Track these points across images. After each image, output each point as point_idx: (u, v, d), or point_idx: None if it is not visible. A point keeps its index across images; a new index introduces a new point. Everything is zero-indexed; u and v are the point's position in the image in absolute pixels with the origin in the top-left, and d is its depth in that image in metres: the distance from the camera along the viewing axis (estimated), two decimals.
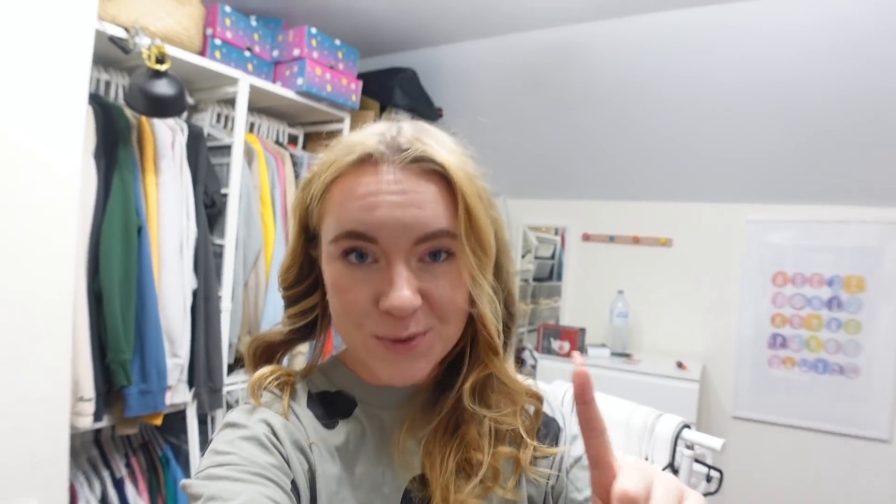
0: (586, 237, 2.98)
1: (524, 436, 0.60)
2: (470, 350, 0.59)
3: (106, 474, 1.63)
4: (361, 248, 0.51)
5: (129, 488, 1.64)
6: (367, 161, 0.52)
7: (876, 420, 2.31)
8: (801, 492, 2.42)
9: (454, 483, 0.55)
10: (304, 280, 0.61)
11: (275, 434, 0.54)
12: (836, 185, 2.36)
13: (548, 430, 0.65)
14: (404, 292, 0.49)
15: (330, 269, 0.54)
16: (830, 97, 2.04)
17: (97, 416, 1.44)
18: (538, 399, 0.63)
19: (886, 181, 2.25)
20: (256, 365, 0.62)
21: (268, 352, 0.63)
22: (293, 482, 0.52)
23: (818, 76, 1.99)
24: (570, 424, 0.68)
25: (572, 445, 0.65)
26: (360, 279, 0.51)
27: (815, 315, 2.46)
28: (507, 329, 0.60)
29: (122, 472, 1.66)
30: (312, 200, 0.56)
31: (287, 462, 0.53)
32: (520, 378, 0.64)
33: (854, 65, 1.92)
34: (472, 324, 0.56)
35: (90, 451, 1.65)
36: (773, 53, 1.99)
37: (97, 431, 1.68)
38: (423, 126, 0.56)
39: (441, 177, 0.52)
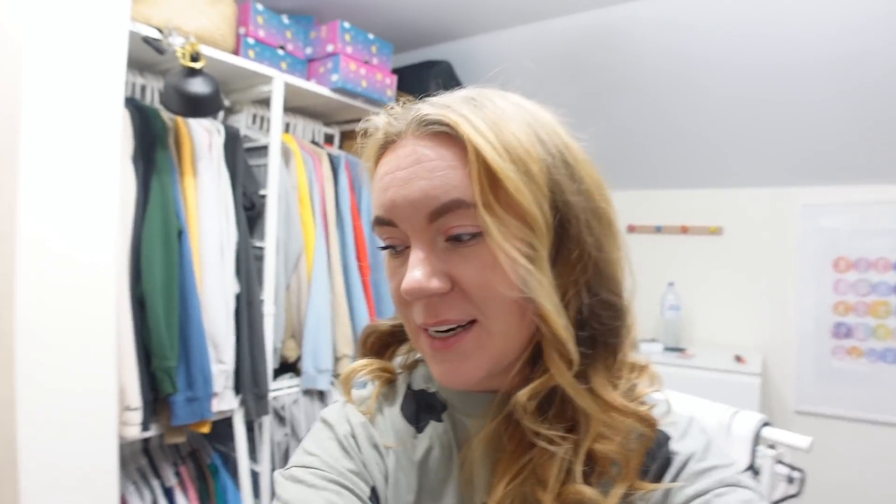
0: (631, 228, 2.87)
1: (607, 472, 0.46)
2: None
3: (156, 483, 1.61)
4: (390, 235, 0.47)
5: (180, 497, 1.62)
6: (390, 141, 0.48)
7: None
8: (872, 489, 2.27)
9: None
10: None
11: (354, 436, 0.52)
12: None
13: (651, 462, 0.48)
14: (413, 273, 0.43)
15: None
16: (887, 69, 1.90)
17: (145, 426, 1.42)
18: (649, 425, 0.47)
19: None
20: (366, 354, 0.59)
21: (378, 342, 0.59)
22: (373, 489, 0.49)
23: (873, 48, 1.85)
24: (697, 456, 0.49)
25: (690, 482, 0.47)
26: (397, 267, 0.47)
27: (882, 301, 2.30)
28: (608, 329, 0.47)
29: (172, 481, 1.64)
30: None
31: (365, 465, 0.50)
32: (637, 400, 0.48)
33: None
34: None
35: (139, 461, 1.64)
36: (823, 28, 1.86)
37: (146, 440, 1.67)
38: (479, 90, 0.49)
39: (461, 140, 0.44)
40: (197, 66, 1.33)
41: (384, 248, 0.49)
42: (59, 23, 1.17)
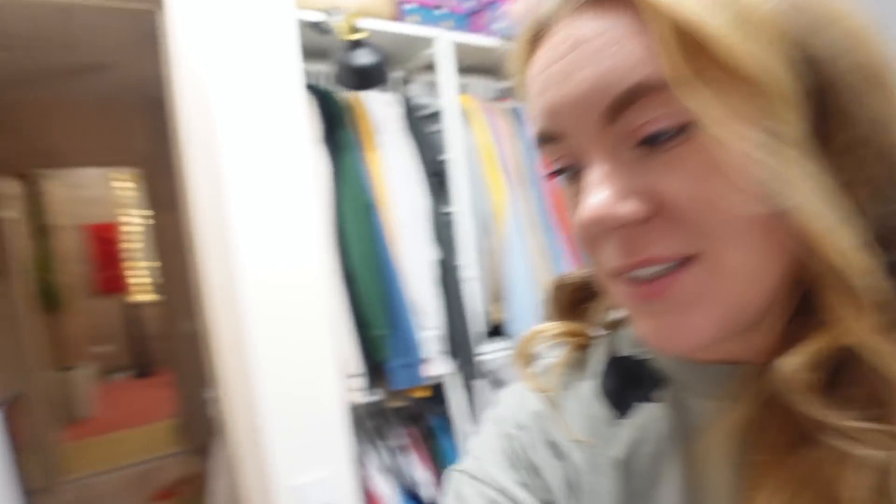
0: None
1: None
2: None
3: (387, 444, 1.71)
4: (560, 154, 0.34)
5: (409, 457, 1.70)
6: (540, 31, 0.34)
7: None
8: None
9: None
10: None
11: (524, 428, 0.42)
12: None
13: None
14: (595, 197, 0.30)
15: None
16: None
17: (368, 391, 1.52)
18: None
19: None
20: (556, 315, 0.47)
21: (569, 299, 0.46)
22: None
23: None
24: None
25: None
26: (575, 195, 0.34)
27: None
28: None
29: (401, 441, 1.73)
30: None
31: (538, 472, 0.40)
32: None
33: None
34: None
35: (370, 422, 1.76)
36: None
37: (375, 403, 1.78)
38: None
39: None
40: (358, 37, 1.36)
41: (553, 173, 0.36)
42: (233, 26, 1.28)
